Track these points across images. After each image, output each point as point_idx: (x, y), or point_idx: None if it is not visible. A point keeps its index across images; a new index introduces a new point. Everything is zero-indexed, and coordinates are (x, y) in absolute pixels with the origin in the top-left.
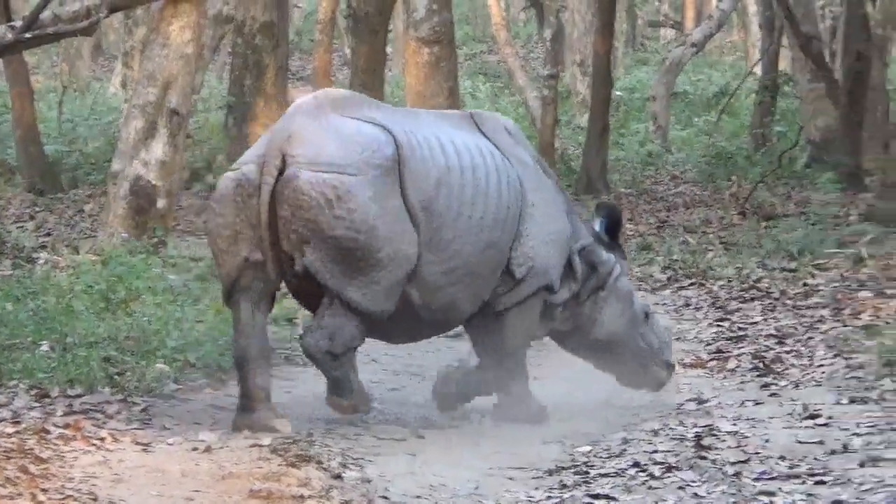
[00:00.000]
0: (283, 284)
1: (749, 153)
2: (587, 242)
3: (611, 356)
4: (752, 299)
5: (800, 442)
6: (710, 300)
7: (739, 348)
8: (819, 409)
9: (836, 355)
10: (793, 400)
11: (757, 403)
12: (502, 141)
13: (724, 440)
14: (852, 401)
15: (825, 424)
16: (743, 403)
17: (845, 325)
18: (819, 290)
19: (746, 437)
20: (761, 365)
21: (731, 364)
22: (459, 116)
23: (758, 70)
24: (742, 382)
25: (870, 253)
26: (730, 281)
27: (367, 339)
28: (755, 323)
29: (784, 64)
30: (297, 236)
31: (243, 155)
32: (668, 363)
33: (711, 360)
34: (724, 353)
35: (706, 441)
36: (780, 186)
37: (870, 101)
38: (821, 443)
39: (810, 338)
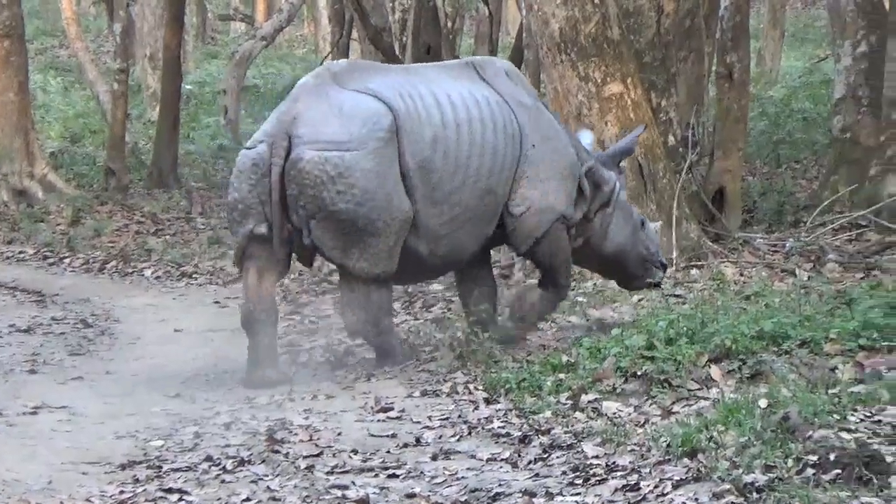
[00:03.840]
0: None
1: None
2: (591, 163)
3: (618, 265)
4: (324, 292)
5: (372, 435)
6: (281, 293)
7: (312, 341)
8: (391, 403)
9: (408, 347)
10: (365, 393)
11: (329, 397)
12: (502, 85)
13: (297, 434)
14: (424, 394)
15: (398, 418)
16: (315, 397)
17: (416, 319)
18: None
19: (319, 430)
20: (333, 358)
21: (303, 357)
22: (459, 66)
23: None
24: (314, 375)
25: None
26: (301, 274)
27: None
28: (328, 316)
29: (355, 57)
30: (305, 212)
31: (257, 132)
32: (663, 263)
33: (283, 353)
34: (296, 346)
35: (279, 435)
36: None
37: None
38: (393, 436)
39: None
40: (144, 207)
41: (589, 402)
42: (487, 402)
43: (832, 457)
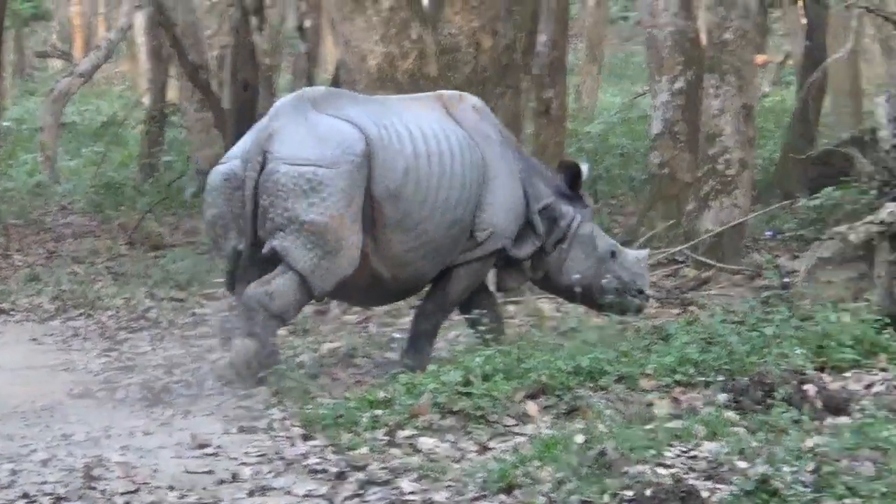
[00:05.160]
0: None
1: (137, 183)
2: (549, 201)
3: (586, 295)
4: (141, 329)
5: (189, 472)
6: (98, 330)
7: (129, 378)
8: (208, 439)
9: (224, 384)
10: (182, 430)
11: (146, 433)
12: (468, 120)
13: (114, 470)
14: (241, 430)
15: (214, 454)
16: (132, 433)
17: None
18: (207, 320)
19: (136, 467)
20: (150, 395)
21: (120, 394)
22: (430, 99)
23: (146, 100)
24: (131, 412)
25: None
26: (119, 311)
27: None
28: (144, 353)
29: (173, 94)
30: (273, 224)
31: (231, 150)
32: (641, 291)
33: (100, 390)
34: (113, 383)
35: (95, 471)
36: (168, 216)
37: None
38: (210, 472)
39: (199, 367)
40: None
41: (405, 437)
42: (304, 438)
43: (648, 492)
